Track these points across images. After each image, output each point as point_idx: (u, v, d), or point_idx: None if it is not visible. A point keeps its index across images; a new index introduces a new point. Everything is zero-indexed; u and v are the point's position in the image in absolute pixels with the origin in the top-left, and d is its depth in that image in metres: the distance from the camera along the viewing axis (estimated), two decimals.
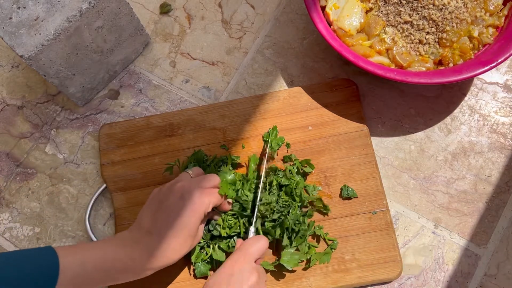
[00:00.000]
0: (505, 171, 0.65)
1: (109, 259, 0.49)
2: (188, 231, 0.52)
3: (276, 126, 0.66)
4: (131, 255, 0.50)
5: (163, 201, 0.54)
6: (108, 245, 0.50)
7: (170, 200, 0.53)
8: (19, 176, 0.70)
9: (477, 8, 0.65)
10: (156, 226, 0.52)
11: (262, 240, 0.55)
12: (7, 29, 0.59)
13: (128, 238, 0.52)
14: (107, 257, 0.49)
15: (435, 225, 0.64)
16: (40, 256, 0.46)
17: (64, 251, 0.47)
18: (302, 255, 0.59)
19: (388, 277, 0.60)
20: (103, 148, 0.68)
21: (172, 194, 0.54)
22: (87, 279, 0.48)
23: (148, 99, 0.73)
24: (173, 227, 0.51)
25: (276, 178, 0.62)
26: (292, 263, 0.58)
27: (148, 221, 0.53)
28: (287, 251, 0.59)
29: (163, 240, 0.51)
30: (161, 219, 0.52)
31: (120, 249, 0.50)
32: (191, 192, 0.53)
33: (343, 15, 0.66)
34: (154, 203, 0.55)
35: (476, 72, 0.60)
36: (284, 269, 0.59)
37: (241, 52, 0.75)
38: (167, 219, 0.52)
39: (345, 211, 0.63)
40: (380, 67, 0.62)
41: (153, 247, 0.51)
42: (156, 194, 0.56)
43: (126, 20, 0.67)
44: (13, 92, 0.75)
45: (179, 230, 0.51)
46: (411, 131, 0.68)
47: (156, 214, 0.53)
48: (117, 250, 0.50)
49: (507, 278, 0.61)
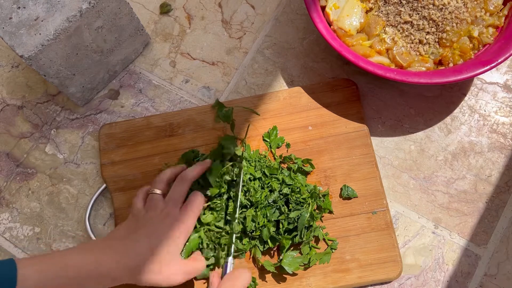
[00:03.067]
0: (505, 171, 0.65)
1: (72, 266, 0.48)
2: (170, 248, 0.51)
3: (276, 126, 0.66)
4: (99, 260, 0.49)
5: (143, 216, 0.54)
6: (71, 253, 0.49)
7: (150, 214, 0.54)
8: (19, 176, 0.70)
9: (477, 8, 0.65)
10: (133, 236, 0.52)
11: (246, 274, 0.54)
12: (7, 29, 0.59)
13: (98, 244, 0.51)
14: (69, 264, 0.47)
15: (435, 225, 0.64)
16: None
17: (24, 262, 0.46)
18: (305, 257, 0.59)
19: (388, 277, 0.60)
20: (103, 148, 0.68)
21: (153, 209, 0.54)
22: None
23: (148, 99, 0.73)
24: (151, 240, 0.51)
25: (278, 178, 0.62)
26: (293, 267, 0.58)
27: (125, 231, 0.53)
28: (289, 253, 0.59)
29: (139, 248, 0.50)
30: (141, 231, 0.52)
31: (86, 255, 0.49)
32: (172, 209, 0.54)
33: (343, 15, 0.66)
34: (134, 217, 0.55)
35: (476, 72, 0.60)
36: (285, 271, 0.59)
37: (241, 52, 0.75)
38: (146, 232, 0.52)
39: (345, 211, 0.63)
40: (380, 67, 0.62)
41: (127, 254, 0.50)
42: (135, 209, 0.56)
43: (126, 20, 0.67)
44: (13, 92, 0.75)
45: (157, 246, 0.51)
46: (411, 131, 0.68)
47: (136, 226, 0.53)
48: (83, 256, 0.49)
49: (507, 278, 0.61)
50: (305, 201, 0.60)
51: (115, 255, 0.49)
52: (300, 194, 0.60)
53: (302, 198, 0.60)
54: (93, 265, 0.48)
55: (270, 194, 0.60)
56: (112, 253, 0.50)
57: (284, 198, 0.60)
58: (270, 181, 0.61)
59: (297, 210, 0.59)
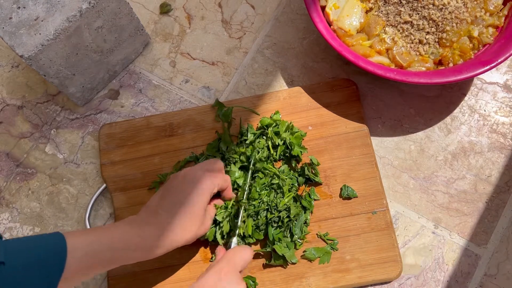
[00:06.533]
0: (505, 171, 0.65)
1: (117, 239, 0.50)
2: (195, 210, 0.53)
3: (278, 111, 0.67)
4: (140, 234, 0.51)
5: (168, 186, 0.55)
6: (115, 227, 0.51)
7: (175, 182, 0.55)
8: (19, 176, 0.70)
9: (477, 8, 0.65)
10: (164, 206, 0.53)
11: (247, 250, 0.55)
12: (7, 29, 0.59)
13: (136, 219, 0.53)
14: (115, 237, 0.50)
15: (435, 225, 0.64)
16: (48, 239, 0.46)
17: (71, 234, 0.48)
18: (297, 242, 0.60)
19: (388, 277, 0.60)
20: (103, 148, 0.68)
21: (177, 178, 0.56)
22: (95, 259, 0.48)
23: (148, 99, 0.73)
24: (180, 205, 0.53)
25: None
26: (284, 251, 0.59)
27: (156, 203, 0.54)
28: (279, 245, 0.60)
29: (171, 218, 0.52)
30: (169, 199, 0.54)
31: (128, 229, 0.51)
32: (196, 173, 0.55)
33: (343, 15, 0.66)
34: (160, 190, 0.56)
35: (476, 72, 0.60)
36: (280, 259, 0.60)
37: (241, 52, 0.75)
38: (174, 199, 0.53)
39: (345, 211, 0.63)
40: (380, 67, 0.62)
41: (162, 225, 0.52)
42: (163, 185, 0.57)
43: (126, 20, 0.67)
44: (13, 92, 0.75)
45: (187, 208, 0.53)
46: (411, 131, 0.68)
47: (163, 196, 0.54)
48: (126, 230, 0.51)
49: (507, 278, 0.61)
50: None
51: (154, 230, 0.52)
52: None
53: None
54: (138, 238, 0.50)
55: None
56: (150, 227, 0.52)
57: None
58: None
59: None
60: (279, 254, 0.59)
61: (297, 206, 0.61)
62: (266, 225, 0.60)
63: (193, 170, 0.56)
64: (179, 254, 0.62)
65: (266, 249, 0.60)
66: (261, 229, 0.60)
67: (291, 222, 0.60)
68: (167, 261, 0.62)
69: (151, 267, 0.62)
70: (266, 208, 0.60)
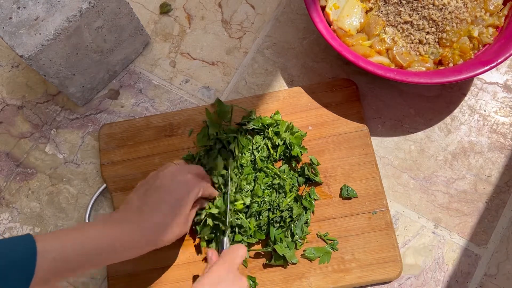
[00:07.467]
0: (505, 171, 0.65)
1: (92, 241, 0.48)
2: (184, 211, 0.53)
3: (278, 110, 0.67)
4: (119, 234, 0.49)
5: (152, 184, 0.55)
6: (89, 227, 0.49)
7: (164, 182, 0.54)
8: (19, 176, 0.70)
9: (477, 8, 0.65)
10: (149, 204, 0.52)
11: (241, 247, 0.56)
12: (7, 29, 0.59)
13: (115, 218, 0.52)
14: (89, 239, 0.48)
15: (435, 225, 0.64)
16: (18, 243, 0.45)
17: (42, 237, 0.46)
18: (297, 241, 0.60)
19: (388, 277, 0.60)
20: (103, 148, 0.68)
21: (165, 178, 0.55)
22: (68, 263, 0.46)
23: (148, 99, 0.73)
24: (169, 205, 0.52)
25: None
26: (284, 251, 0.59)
27: (138, 201, 0.53)
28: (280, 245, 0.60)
29: (160, 217, 0.51)
30: (154, 198, 0.53)
31: (106, 230, 0.49)
32: (186, 176, 0.55)
33: (343, 15, 0.66)
34: (142, 187, 0.55)
35: (476, 72, 0.60)
36: (281, 259, 0.60)
37: (241, 52, 0.75)
38: (164, 198, 0.53)
39: (345, 211, 0.63)
40: (380, 67, 0.62)
41: (147, 223, 0.51)
42: (143, 181, 0.57)
43: (126, 20, 0.67)
44: (13, 92, 0.75)
45: (176, 209, 0.52)
46: (411, 131, 0.68)
47: (147, 194, 0.53)
48: (102, 230, 0.49)
49: (507, 278, 0.61)
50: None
51: (136, 227, 0.50)
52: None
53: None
54: (113, 238, 0.49)
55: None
56: (131, 225, 0.51)
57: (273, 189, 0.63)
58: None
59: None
60: (280, 254, 0.59)
61: (299, 206, 0.61)
62: (268, 225, 0.60)
63: (182, 172, 0.56)
64: (180, 255, 0.62)
65: (266, 248, 0.61)
66: (262, 229, 0.61)
67: (293, 222, 0.60)
68: (167, 261, 0.62)
69: (151, 267, 0.62)
70: (268, 208, 0.60)
